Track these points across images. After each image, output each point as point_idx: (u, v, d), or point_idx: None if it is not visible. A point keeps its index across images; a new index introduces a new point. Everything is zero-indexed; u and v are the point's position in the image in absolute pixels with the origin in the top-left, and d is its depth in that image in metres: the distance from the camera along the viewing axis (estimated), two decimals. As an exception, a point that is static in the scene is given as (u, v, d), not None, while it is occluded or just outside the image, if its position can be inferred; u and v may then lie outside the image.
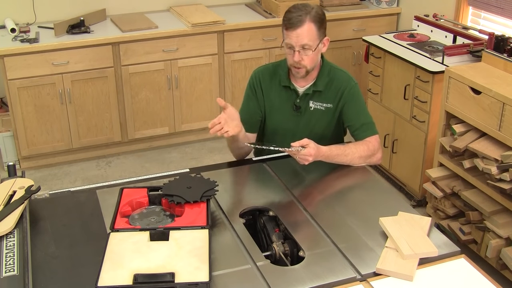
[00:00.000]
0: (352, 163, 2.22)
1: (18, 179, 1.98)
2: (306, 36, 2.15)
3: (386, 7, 4.47)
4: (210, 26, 4.02)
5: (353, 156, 2.21)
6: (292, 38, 2.16)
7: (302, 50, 2.18)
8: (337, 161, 2.19)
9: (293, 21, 2.14)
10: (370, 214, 1.90)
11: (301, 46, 2.17)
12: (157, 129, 4.19)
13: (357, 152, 2.22)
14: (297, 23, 2.14)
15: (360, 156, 2.22)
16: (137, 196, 1.91)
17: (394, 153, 3.72)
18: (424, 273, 1.67)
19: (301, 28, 2.14)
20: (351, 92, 2.31)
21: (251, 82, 2.39)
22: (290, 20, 2.15)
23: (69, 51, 3.74)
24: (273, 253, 1.81)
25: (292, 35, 2.15)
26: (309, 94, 2.32)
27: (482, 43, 3.32)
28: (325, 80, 2.32)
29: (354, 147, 2.23)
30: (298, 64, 2.21)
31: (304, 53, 2.18)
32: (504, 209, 2.78)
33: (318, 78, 2.32)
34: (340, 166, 2.22)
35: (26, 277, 1.57)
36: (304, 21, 2.14)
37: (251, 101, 2.38)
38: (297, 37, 2.15)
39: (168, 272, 1.55)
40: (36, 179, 3.50)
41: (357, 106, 2.33)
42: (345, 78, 2.34)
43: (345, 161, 2.21)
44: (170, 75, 4.05)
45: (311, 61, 2.21)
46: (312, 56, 2.20)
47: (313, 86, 2.32)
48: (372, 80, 3.82)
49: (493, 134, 2.76)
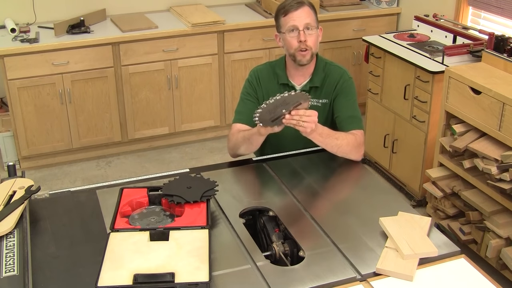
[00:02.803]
0: (339, 149, 2.19)
1: (18, 179, 1.98)
2: (308, 16, 2.24)
3: (386, 7, 4.47)
4: (210, 26, 4.02)
5: (342, 142, 2.18)
6: (296, 18, 2.23)
7: (306, 30, 2.23)
8: (328, 142, 2.16)
9: (292, 4, 2.25)
10: (370, 214, 1.89)
11: (305, 25, 2.23)
12: (157, 129, 4.19)
13: (345, 139, 2.20)
14: (297, 5, 2.24)
15: (348, 143, 2.19)
16: (137, 196, 1.91)
17: (394, 153, 3.72)
18: (424, 273, 1.66)
19: (302, 9, 2.24)
20: (344, 85, 2.34)
21: (251, 80, 2.40)
22: (289, 5, 2.25)
23: (69, 51, 3.74)
24: (273, 253, 1.80)
25: (295, 16, 2.23)
26: (306, 91, 2.32)
27: (482, 43, 3.32)
28: (321, 76, 2.34)
29: (344, 134, 2.23)
30: (304, 46, 2.23)
31: (308, 33, 2.23)
32: (504, 209, 2.78)
33: (314, 73, 2.34)
34: (339, 166, 2.22)
35: (26, 277, 1.57)
36: (304, 4, 2.25)
37: (251, 97, 2.38)
38: (299, 16, 2.23)
39: (168, 272, 1.55)
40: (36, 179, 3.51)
41: (347, 99, 2.34)
42: (340, 72, 2.36)
43: (335, 145, 2.17)
44: (170, 75, 4.05)
45: (314, 42, 2.26)
46: (315, 38, 2.26)
47: (310, 82, 2.34)
48: (372, 80, 3.82)
49: (493, 134, 2.76)
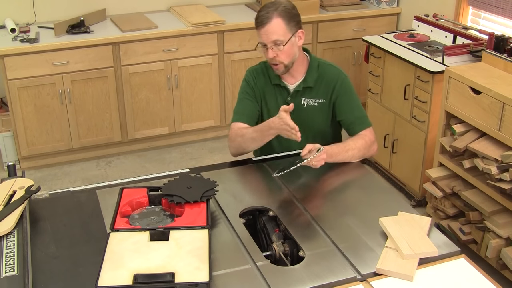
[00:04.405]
0: (353, 158, 2.24)
1: (18, 179, 1.98)
2: (276, 31, 2.19)
3: (386, 7, 4.47)
4: (210, 26, 4.02)
5: (353, 152, 2.22)
6: (262, 35, 2.21)
7: (275, 46, 2.21)
8: (339, 159, 2.20)
9: (261, 19, 2.21)
10: (370, 214, 1.90)
11: (272, 42, 2.20)
12: (157, 129, 4.19)
13: (356, 148, 2.23)
14: (264, 20, 2.20)
15: (359, 150, 2.24)
16: (137, 196, 1.91)
17: (394, 153, 3.72)
18: (424, 273, 1.67)
19: (268, 25, 2.19)
20: (342, 85, 2.32)
21: (248, 79, 2.39)
22: (258, 19, 2.22)
23: (69, 51, 3.74)
24: (273, 253, 1.81)
25: (262, 33, 2.21)
26: (299, 91, 2.32)
27: (482, 43, 3.32)
28: (314, 76, 2.33)
29: (353, 143, 2.25)
30: (274, 61, 2.23)
31: (277, 48, 2.21)
32: (504, 209, 2.78)
33: (308, 74, 2.33)
34: (339, 166, 2.22)
35: (26, 277, 1.57)
36: (271, 18, 2.19)
37: (249, 96, 2.37)
38: (266, 34, 2.20)
39: (168, 272, 1.55)
40: (36, 179, 3.51)
41: (350, 100, 2.33)
42: (335, 72, 2.35)
43: (346, 158, 2.21)
44: (170, 75, 4.05)
45: (286, 55, 2.23)
46: (286, 51, 2.22)
47: (303, 82, 2.33)
48: (372, 80, 3.82)
49: (493, 134, 2.76)
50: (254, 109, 2.37)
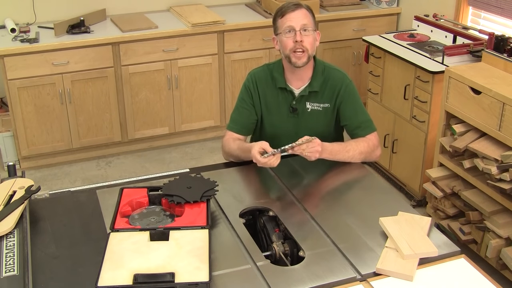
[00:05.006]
0: (353, 160, 2.24)
1: (18, 179, 1.98)
2: (305, 17, 2.22)
3: (386, 7, 4.47)
4: (210, 26, 4.02)
5: (354, 153, 2.22)
6: (292, 19, 2.21)
7: (303, 31, 2.22)
8: (339, 157, 2.20)
9: (289, 5, 2.23)
10: (370, 214, 1.90)
11: (302, 26, 2.21)
12: (157, 129, 4.19)
13: (357, 149, 2.23)
14: (295, 7, 2.23)
15: (360, 152, 2.24)
16: (137, 196, 1.91)
17: (394, 153, 3.72)
18: (424, 273, 1.67)
19: (299, 10, 2.23)
20: (347, 90, 2.32)
21: (247, 84, 2.38)
22: (285, 6, 2.24)
23: (69, 51, 3.74)
24: (273, 253, 1.81)
25: (292, 16, 2.22)
26: (305, 95, 2.32)
27: (482, 43, 3.32)
28: (320, 80, 2.32)
29: (355, 144, 2.25)
30: (299, 46, 2.21)
31: (304, 33, 2.22)
32: (504, 209, 2.78)
33: (313, 78, 2.32)
34: (339, 166, 2.22)
35: (26, 277, 1.57)
36: (301, 6, 2.24)
37: (246, 104, 2.37)
38: (297, 17, 2.21)
39: (168, 272, 1.55)
40: (36, 179, 3.51)
41: (354, 105, 2.33)
42: (340, 76, 2.34)
43: (347, 158, 2.22)
44: (170, 75, 4.05)
45: (311, 44, 2.24)
46: (312, 39, 2.24)
47: (309, 86, 2.32)
48: (372, 80, 3.82)
49: (493, 134, 2.76)
50: (250, 118, 2.37)
